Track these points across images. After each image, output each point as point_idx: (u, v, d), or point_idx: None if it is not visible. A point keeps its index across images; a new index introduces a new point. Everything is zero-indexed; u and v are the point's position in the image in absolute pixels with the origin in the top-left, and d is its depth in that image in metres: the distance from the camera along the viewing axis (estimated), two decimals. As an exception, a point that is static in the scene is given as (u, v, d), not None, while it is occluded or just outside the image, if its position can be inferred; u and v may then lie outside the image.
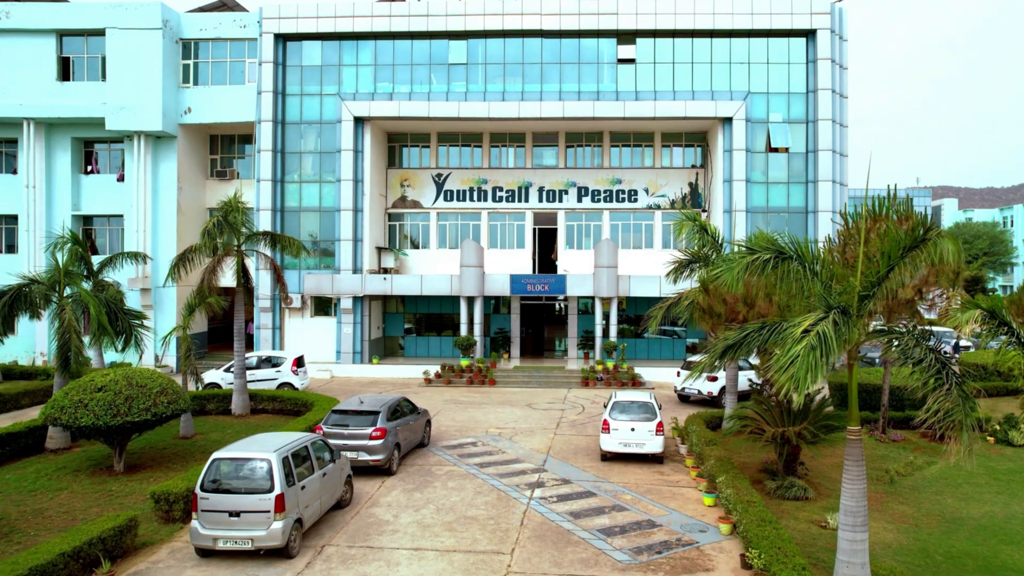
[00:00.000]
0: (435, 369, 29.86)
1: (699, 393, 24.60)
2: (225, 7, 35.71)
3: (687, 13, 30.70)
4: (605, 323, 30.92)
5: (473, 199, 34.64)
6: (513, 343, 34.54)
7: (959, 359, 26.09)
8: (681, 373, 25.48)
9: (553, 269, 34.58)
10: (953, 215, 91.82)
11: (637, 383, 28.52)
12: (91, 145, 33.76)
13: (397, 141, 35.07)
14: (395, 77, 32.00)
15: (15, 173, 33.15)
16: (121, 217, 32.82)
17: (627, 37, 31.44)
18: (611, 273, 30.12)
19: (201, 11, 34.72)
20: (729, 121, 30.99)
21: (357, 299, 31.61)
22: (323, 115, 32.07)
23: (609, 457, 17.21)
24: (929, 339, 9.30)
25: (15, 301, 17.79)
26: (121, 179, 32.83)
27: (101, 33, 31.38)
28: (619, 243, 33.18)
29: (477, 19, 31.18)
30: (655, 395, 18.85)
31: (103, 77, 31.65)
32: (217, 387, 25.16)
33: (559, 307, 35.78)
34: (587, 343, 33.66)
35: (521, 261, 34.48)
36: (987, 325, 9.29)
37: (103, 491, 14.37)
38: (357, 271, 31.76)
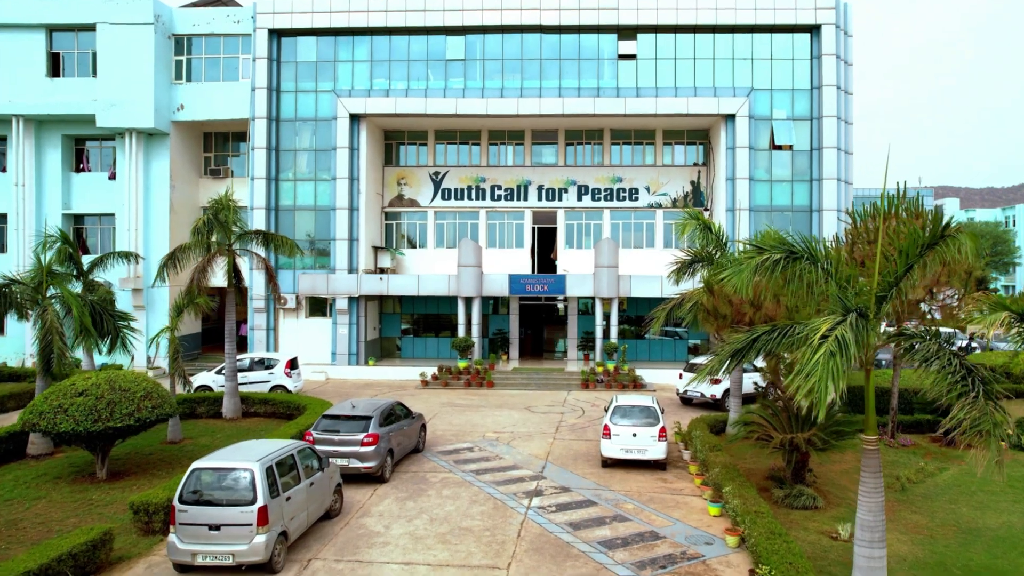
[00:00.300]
0: (432, 371, 29.24)
1: (702, 396, 24.00)
2: (219, 2, 35.12)
3: (689, 8, 30.08)
4: (605, 324, 30.31)
5: (471, 198, 34.04)
6: (512, 344, 33.94)
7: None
8: (683, 375, 24.89)
9: (553, 269, 33.97)
10: (955, 215, 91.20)
11: (638, 385, 27.93)
12: (82, 143, 33.16)
13: (394, 139, 34.46)
14: (391, 73, 31.40)
15: (4, 171, 32.53)
16: (113, 216, 32.22)
17: (628, 32, 30.84)
18: (611, 273, 29.52)
19: (194, 6, 34.15)
20: (732, 118, 30.39)
21: (353, 299, 31.02)
22: (318, 112, 31.46)
23: (610, 463, 16.63)
24: (954, 343, 8.70)
25: (-3, 302, 17.24)
26: (113, 177, 32.24)
27: (92, 28, 30.75)
28: (620, 242, 32.54)
29: (475, 14, 30.56)
30: (657, 398, 18.28)
31: (94, 73, 31.05)
32: (208, 390, 24.62)
33: (559, 308, 35.19)
34: (587, 344, 33.03)
35: (520, 261, 33.87)
36: (1018, 327, 8.70)
37: (83, 500, 13.79)
38: (353, 271, 31.18)
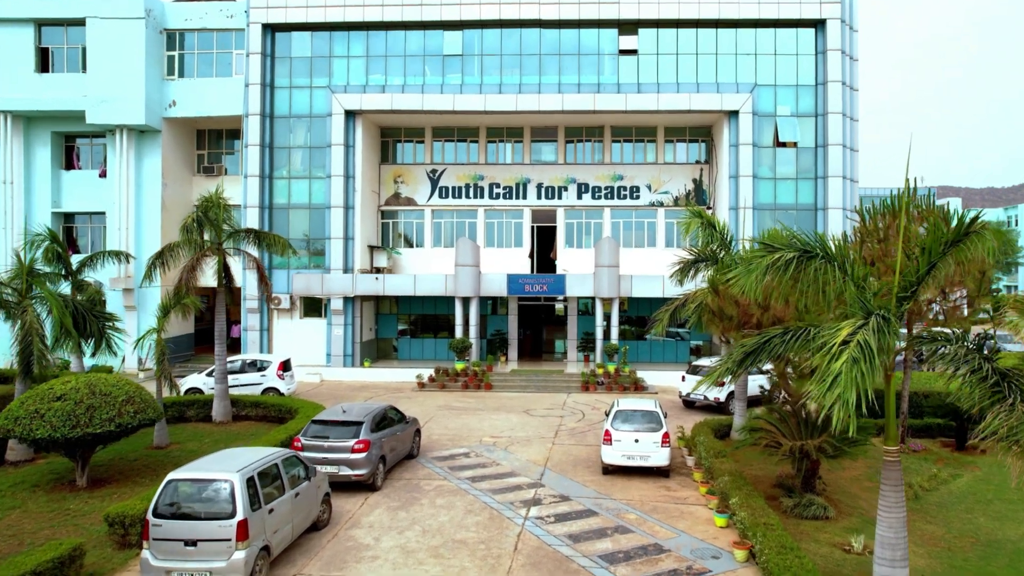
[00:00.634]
0: (429, 373, 28.60)
1: (705, 399, 23.38)
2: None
3: (691, 2, 29.46)
4: (606, 324, 29.67)
5: (469, 196, 33.41)
6: (510, 345, 33.31)
7: None
8: (686, 378, 24.26)
9: (552, 268, 33.33)
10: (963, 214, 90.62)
11: (639, 387, 27.30)
12: (72, 140, 32.55)
13: (390, 136, 33.82)
14: (388, 69, 30.76)
15: (-7, 169, 31.95)
16: (103, 215, 31.60)
17: (629, 27, 30.21)
18: (612, 273, 28.89)
19: (186, 0, 33.47)
20: (735, 115, 29.77)
21: (348, 300, 30.40)
22: (313, 108, 30.83)
23: (611, 470, 16.00)
24: (982, 346, 8.07)
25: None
26: (103, 175, 31.61)
27: (81, 23, 30.12)
28: (620, 241, 31.89)
29: (473, 8, 29.93)
30: (659, 402, 17.65)
31: (83, 69, 30.43)
32: (199, 392, 24.01)
33: (558, 308, 34.56)
34: (587, 345, 32.38)
35: (519, 260, 33.22)
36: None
37: (59, 510, 13.16)
38: (348, 270, 30.55)
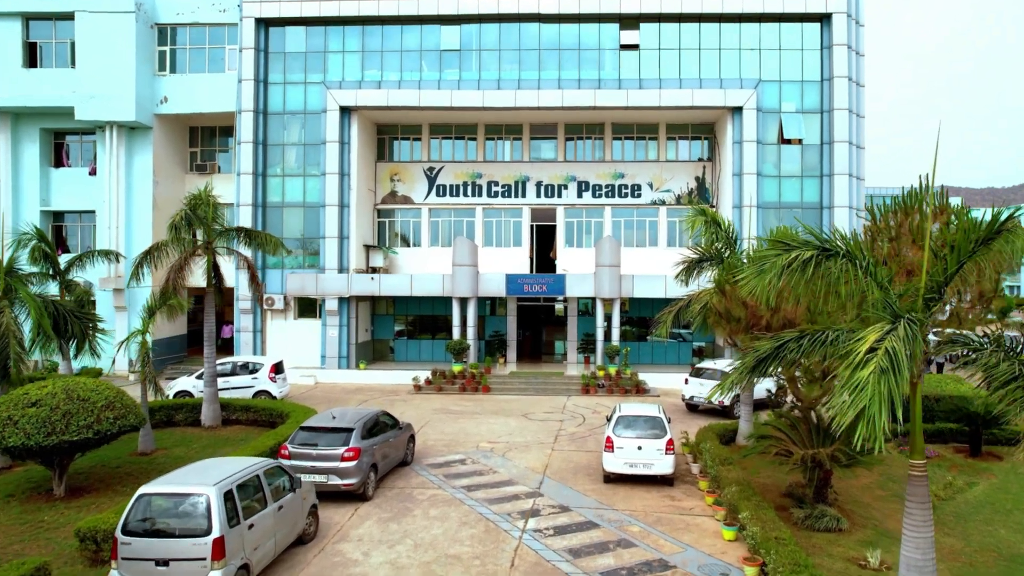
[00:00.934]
0: (426, 375, 27.90)
1: (709, 402, 22.74)
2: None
3: (694, -5, 28.84)
4: (607, 325, 29.01)
5: (467, 194, 32.74)
6: (509, 347, 32.64)
7: None
8: (689, 380, 23.61)
9: (552, 268, 32.65)
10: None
11: (641, 390, 26.64)
12: (61, 137, 31.89)
13: (387, 133, 33.16)
14: (383, 64, 30.10)
15: (-20, 166, 31.29)
16: (93, 213, 30.93)
17: (630, 21, 29.55)
18: (613, 272, 28.23)
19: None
20: (739, 111, 29.11)
21: (343, 300, 29.74)
22: (307, 105, 30.16)
23: (613, 479, 15.34)
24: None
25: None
26: (93, 173, 30.96)
27: (70, 17, 29.43)
28: (621, 240, 31.19)
29: (471, 2, 29.26)
30: (663, 407, 17.00)
31: (72, 64, 29.75)
32: (188, 395, 23.35)
33: (558, 308, 33.89)
34: (588, 347, 31.71)
35: (518, 260, 32.54)
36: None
37: (32, 522, 12.50)
38: (343, 270, 29.88)
